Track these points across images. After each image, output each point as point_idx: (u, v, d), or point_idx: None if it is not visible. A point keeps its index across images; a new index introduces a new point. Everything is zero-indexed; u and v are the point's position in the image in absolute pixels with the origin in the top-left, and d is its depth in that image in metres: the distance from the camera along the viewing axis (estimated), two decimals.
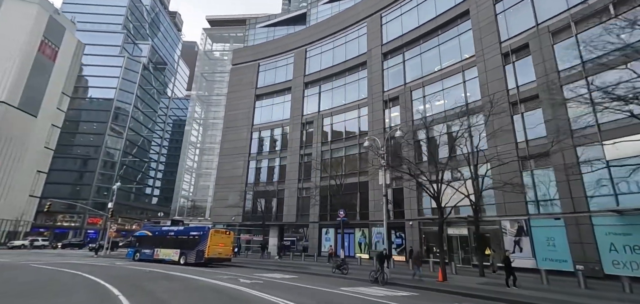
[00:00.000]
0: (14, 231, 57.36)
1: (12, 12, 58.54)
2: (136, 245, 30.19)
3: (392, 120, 36.29)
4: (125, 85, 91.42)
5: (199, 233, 25.87)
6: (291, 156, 44.41)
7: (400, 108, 35.50)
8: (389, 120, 36.67)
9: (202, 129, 63.49)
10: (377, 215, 33.30)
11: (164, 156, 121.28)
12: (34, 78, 59.85)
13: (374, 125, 37.29)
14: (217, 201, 48.98)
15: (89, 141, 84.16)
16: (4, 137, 54.24)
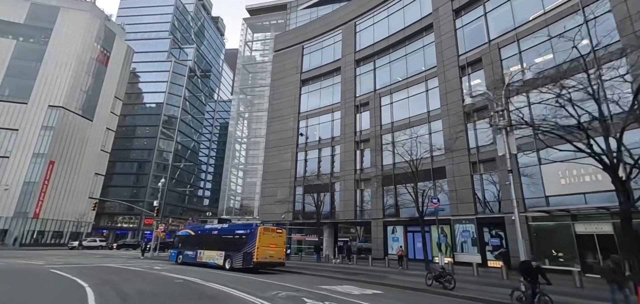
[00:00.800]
0: (76, 232, 59.19)
1: (66, 21, 61.03)
2: (179, 246, 26.70)
3: (474, 89, 28.82)
4: (173, 89, 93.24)
5: (246, 231, 21.27)
6: (345, 144, 38.77)
7: (485, 71, 28.01)
8: (469, 87, 29.27)
9: (247, 123, 60.66)
10: (461, 208, 26.25)
11: (213, 158, 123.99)
12: (88, 83, 61.79)
13: (449, 96, 30.17)
14: (265, 198, 45.08)
15: (143, 145, 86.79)
16: (63, 140, 56.18)
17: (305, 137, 44.32)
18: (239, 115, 57.88)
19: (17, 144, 52.98)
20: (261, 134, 54.38)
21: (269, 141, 48.07)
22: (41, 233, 53.93)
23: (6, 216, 49.79)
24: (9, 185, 48.70)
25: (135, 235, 74.84)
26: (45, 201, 52.89)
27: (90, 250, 48.32)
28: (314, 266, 25.19)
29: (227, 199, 51.70)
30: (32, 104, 55.26)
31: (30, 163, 52.28)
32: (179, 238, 27.56)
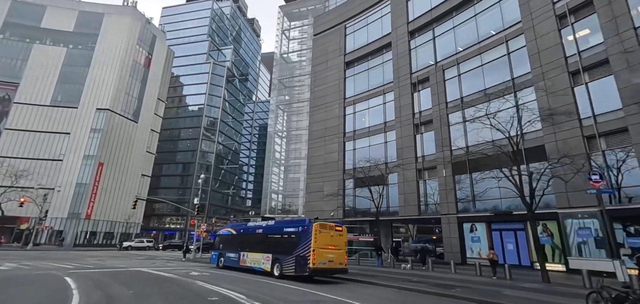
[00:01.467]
0: (126, 232, 59.95)
1: (110, 26, 62.73)
2: (220, 247, 23.35)
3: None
4: (213, 90, 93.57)
5: (297, 229, 17.07)
6: (402, 128, 33.34)
7: None
8: (575, 45, 22.47)
9: (287, 116, 57.38)
10: (575, 199, 19.69)
11: (254, 159, 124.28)
12: (132, 86, 62.78)
13: (543, 56, 23.59)
14: (310, 193, 41.02)
15: (186, 146, 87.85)
16: (111, 142, 57.13)
17: (353, 124, 39.58)
18: (278, 107, 54.58)
19: (69, 147, 54.67)
20: (303, 126, 50.53)
21: (312, 132, 44.01)
22: (93, 234, 55.05)
23: (61, 218, 51.23)
24: (61, 186, 49.96)
25: (182, 236, 75.31)
26: (95, 202, 53.86)
27: (137, 250, 47.85)
28: (381, 272, 20.27)
29: (269, 198, 48.48)
30: (82, 108, 56.90)
31: (81, 165, 53.57)
32: (219, 238, 24.23)
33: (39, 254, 29.48)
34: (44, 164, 53.07)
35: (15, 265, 18.14)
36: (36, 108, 55.77)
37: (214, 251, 24.16)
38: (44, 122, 55.42)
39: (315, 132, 43.38)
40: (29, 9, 61.42)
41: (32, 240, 42.26)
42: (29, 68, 57.54)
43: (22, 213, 46.56)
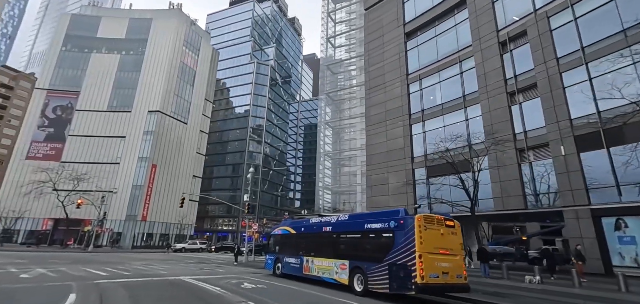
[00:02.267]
0: (180, 234, 59.70)
1: (158, 29, 64.24)
2: (275, 250, 19.09)
3: None
4: (258, 89, 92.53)
5: (387, 224, 11.96)
6: (490, 100, 26.53)
7: None
8: None
9: (335, 105, 52.50)
10: None
11: (301, 159, 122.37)
12: (180, 87, 63.13)
13: None
14: (372, 187, 35.53)
15: (234, 147, 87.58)
16: (162, 144, 57.37)
17: (421, 103, 33.33)
18: (327, 96, 49.91)
19: (125, 150, 55.84)
20: (356, 113, 45.30)
21: (370, 117, 38.47)
22: (150, 236, 55.33)
23: (120, 220, 52.01)
24: (117, 188, 50.57)
25: (234, 238, 74.47)
26: (150, 204, 54.07)
27: (191, 252, 46.37)
28: (506, 288, 14.21)
29: (323, 195, 43.83)
30: (135, 111, 58.05)
31: (136, 167, 54.32)
32: (274, 238, 19.93)
33: (90, 257, 27.99)
34: (103, 167, 54.61)
35: (44, 271, 15.44)
36: (95, 113, 58.03)
37: (269, 255, 19.93)
38: (102, 127, 57.38)
39: (373, 117, 37.79)
40: (86, 21, 64.67)
41: (93, 242, 42.47)
42: (88, 77, 60.21)
43: (85, 215, 47.64)
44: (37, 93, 58.97)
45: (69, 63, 61.11)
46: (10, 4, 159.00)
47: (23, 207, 48.31)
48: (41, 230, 52.19)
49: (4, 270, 15.44)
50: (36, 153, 54.94)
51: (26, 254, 29.35)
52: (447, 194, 26.99)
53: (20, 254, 27.63)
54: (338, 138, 49.81)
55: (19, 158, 54.38)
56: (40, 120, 56.97)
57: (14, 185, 50.73)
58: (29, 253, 31.12)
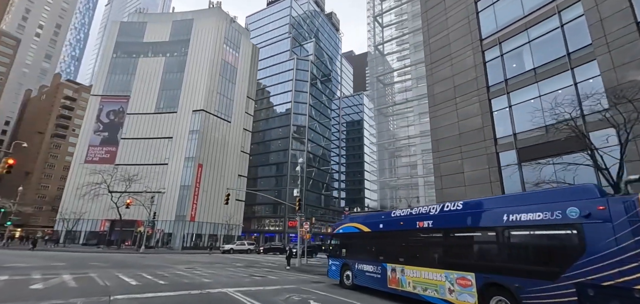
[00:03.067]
0: (228, 235, 58.52)
1: (199, 29, 64.92)
2: (341, 253, 14.96)
3: None
4: (299, 85, 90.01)
5: (566, 212, 6.80)
6: (615, 53, 19.85)
7: None
8: None
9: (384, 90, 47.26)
10: None
11: (344, 157, 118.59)
12: (222, 85, 62.61)
13: None
14: (442, 177, 29.92)
15: (277, 146, 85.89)
16: (207, 143, 56.86)
17: (502, 71, 27.15)
18: (377, 80, 44.98)
19: (173, 150, 56.07)
20: (406, 96, 39.81)
21: (433, 97, 32.83)
22: (199, 236, 54.67)
23: (169, 220, 51.85)
24: (165, 188, 50.45)
25: (282, 238, 72.46)
26: (198, 204, 53.46)
27: (239, 253, 44.28)
28: None
29: (379, 190, 38.69)
30: (180, 111, 58.28)
31: (183, 167, 54.14)
32: (340, 239, 15.79)
33: (135, 259, 26.22)
34: (153, 169, 55.27)
35: (68, 278, 12.81)
36: (144, 116, 59.25)
37: (333, 260, 15.78)
38: (150, 129, 58.41)
39: (438, 96, 32.13)
40: (134, 27, 66.80)
41: (144, 243, 42.03)
42: (137, 81, 61.87)
43: (137, 216, 47.91)
44: (93, 99, 61.85)
45: (120, 69, 63.42)
46: (76, 29, 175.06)
47: (82, 209, 50.08)
48: (99, 230, 53.96)
49: (24, 276, 13.10)
50: (93, 157, 57.32)
51: (70, 255, 28.55)
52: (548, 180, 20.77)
53: (64, 256, 26.74)
54: (387, 128, 44.53)
55: (78, 163, 57.16)
56: (96, 125, 59.52)
57: (75, 188, 52.98)
58: (75, 254, 30.51)
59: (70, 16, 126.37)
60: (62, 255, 28.39)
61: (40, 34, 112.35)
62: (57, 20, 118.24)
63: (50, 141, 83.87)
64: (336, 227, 16.60)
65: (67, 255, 28.62)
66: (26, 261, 21.07)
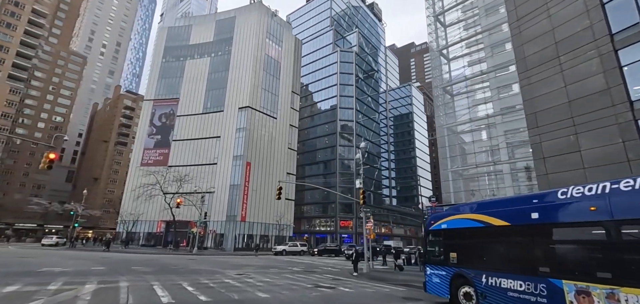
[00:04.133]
0: (280, 235, 56.11)
1: (241, 25, 63.74)
2: (449, 258, 10.66)
3: None
4: (343, 78, 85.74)
5: None
6: None
7: None
8: None
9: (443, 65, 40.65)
10: None
11: (393, 153, 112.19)
12: (267, 80, 61.26)
13: None
14: (547, 159, 23.43)
15: (324, 143, 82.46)
16: (254, 140, 55.42)
17: (632, 13, 20.04)
18: (440, 53, 38.89)
19: (221, 150, 55.48)
20: (492, 64, 33.36)
21: (524, 61, 26.29)
22: (250, 237, 52.96)
23: (221, 221, 50.83)
24: (214, 188, 49.42)
25: (334, 239, 68.73)
26: (248, 204, 51.92)
27: (292, 255, 41.12)
28: None
29: (451, 183, 32.44)
30: (227, 110, 57.80)
31: (232, 166, 53.11)
32: (445, 237, 11.23)
33: (184, 262, 23.85)
34: (203, 169, 55.02)
35: (93, 289, 9.82)
36: (192, 117, 59.66)
37: (435, 268, 11.14)
38: (199, 129, 58.61)
39: (531, 59, 25.57)
40: (180, 31, 68.19)
41: (197, 244, 40.78)
42: (185, 83, 62.71)
43: (190, 217, 47.35)
44: (146, 104, 63.87)
45: (169, 73, 64.92)
46: (135, 49, 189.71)
47: (139, 210, 51.13)
48: (156, 232, 54.82)
49: (39, 286, 10.39)
50: (148, 159, 58.83)
51: (113, 257, 27.21)
52: None
53: (114, 258, 25.30)
54: (455, 110, 38.04)
55: (135, 166, 59.12)
56: (150, 129, 61.22)
57: (131, 190, 54.45)
58: (120, 256, 29.33)
59: (128, 33, 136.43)
60: (114, 257, 27.22)
61: (104, 52, 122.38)
62: (117, 38, 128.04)
63: (113, 149, 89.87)
64: (435, 220, 11.82)
65: (117, 257, 27.40)
66: (64, 263, 19.42)
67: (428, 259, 11.79)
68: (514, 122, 30.74)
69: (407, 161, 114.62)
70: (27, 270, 15.27)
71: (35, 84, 78.29)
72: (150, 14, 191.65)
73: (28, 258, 22.60)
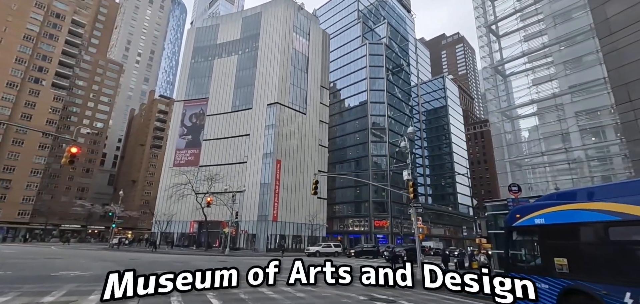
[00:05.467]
0: (312, 236, 53.86)
1: (267, 20, 62.31)
2: (552, 267, 7.52)
3: None
4: (373, 72, 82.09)
5: None
6: None
7: None
8: None
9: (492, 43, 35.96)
10: None
11: (427, 149, 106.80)
12: (295, 75, 59.90)
13: None
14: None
15: (355, 140, 79.29)
16: (284, 137, 54.05)
17: None
18: (487, 30, 34.49)
19: (251, 148, 54.48)
20: (555, 36, 28.85)
21: (607, 24, 21.83)
22: (282, 237, 51.19)
23: (252, 221, 49.54)
24: (245, 187, 48.14)
25: (368, 239, 65.45)
26: (279, 203, 50.30)
27: (326, 257, 38.41)
28: None
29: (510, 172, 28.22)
30: (255, 107, 56.92)
31: (262, 164, 51.78)
32: (546, 234, 8.17)
33: (216, 263, 21.86)
34: (233, 168, 54.21)
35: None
36: (222, 116, 59.26)
37: (535, 278, 7.71)
38: (228, 128, 58.01)
39: (616, 20, 21.14)
40: (208, 32, 68.38)
41: (229, 244, 39.46)
42: (213, 82, 62.63)
43: (221, 217, 46.46)
44: (177, 106, 64.49)
45: (198, 73, 65.26)
46: (168, 58, 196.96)
47: (172, 210, 51.25)
48: (189, 232, 54.67)
49: (33, 297, 8.49)
50: (180, 160, 59.14)
51: (143, 258, 25.94)
52: None
53: (136, 259, 24.06)
54: (508, 91, 33.55)
55: (168, 167, 59.65)
56: (181, 130, 61.65)
57: (164, 190, 54.76)
58: (152, 257, 28.16)
59: (161, 42, 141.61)
60: (144, 258, 26.13)
61: (139, 60, 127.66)
62: (151, 46, 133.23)
63: (149, 152, 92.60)
64: (522, 214, 8.71)
65: (147, 258, 26.27)
66: (89, 266, 18.10)
67: (512, 266, 8.69)
68: (588, 101, 26.04)
69: (441, 158, 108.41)
70: (39, 275, 13.87)
71: (77, 92, 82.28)
72: (181, 24, 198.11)
73: (55, 259, 21.81)
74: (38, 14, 67.99)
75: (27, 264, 17.81)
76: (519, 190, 14.85)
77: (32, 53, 66.05)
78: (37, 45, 67.31)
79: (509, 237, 9.19)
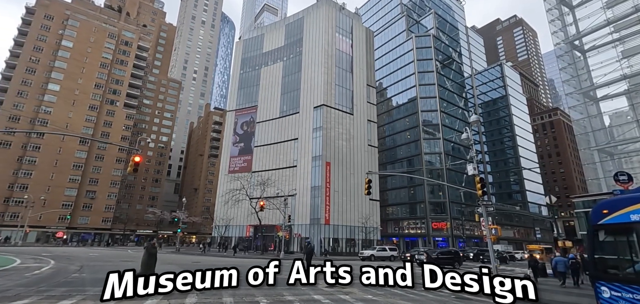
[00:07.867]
0: (366, 239, 52.35)
1: (310, 24, 62.42)
2: None
3: None
4: (421, 66, 77.93)
5: None
6: None
7: None
8: None
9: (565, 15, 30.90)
10: None
11: (486, 144, 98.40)
12: (340, 75, 59.30)
13: None
14: None
15: (406, 139, 75.84)
16: (332, 139, 53.49)
17: None
18: (560, 5, 29.98)
19: (300, 151, 54.91)
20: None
21: None
22: (336, 241, 50.51)
23: (305, 224, 49.65)
24: (296, 190, 48.36)
25: (425, 242, 61.89)
26: (330, 206, 49.72)
27: (381, 261, 36.68)
28: None
29: (600, 163, 23.92)
30: (302, 111, 57.43)
31: (312, 167, 51.81)
32: None
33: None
34: (284, 172, 55.14)
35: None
36: (271, 122, 60.86)
37: (626, 290, 5.91)
38: (278, 133, 59.27)
39: None
40: (254, 42, 71.07)
41: (283, 248, 39.80)
42: (261, 90, 64.81)
43: (276, 221, 47.32)
44: (230, 115, 67.84)
45: (247, 83, 68.07)
46: (221, 73, 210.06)
47: (229, 215, 53.72)
48: (245, 236, 56.74)
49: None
50: (234, 167, 61.94)
51: (189, 260, 26.67)
52: None
53: (177, 261, 24.82)
54: (585, 69, 28.63)
55: (223, 174, 62.88)
56: (234, 138, 64.67)
57: (221, 196, 57.65)
58: (202, 259, 28.97)
59: (213, 58, 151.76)
60: (189, 260, 27.14)
61: (195, 77, 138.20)
62: (205, 63, 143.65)
63: (208, 160, 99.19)
64: (612, 209, 6.93)
65: (192, 260, 27.22)
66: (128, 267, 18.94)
67: (602, 274, 7.04)
68: None
69: (504, 153, 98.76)
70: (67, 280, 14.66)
71: (144, 110, 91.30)
72: (231, 40, 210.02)
73: (101, 262, 23.44)
74: (111, 43, 77.02)
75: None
76: (629, 179, 11.99)
77: (107, 78, 74.92)
78: (111, 71, 76.19)
79: (595, 238, 7.46)
